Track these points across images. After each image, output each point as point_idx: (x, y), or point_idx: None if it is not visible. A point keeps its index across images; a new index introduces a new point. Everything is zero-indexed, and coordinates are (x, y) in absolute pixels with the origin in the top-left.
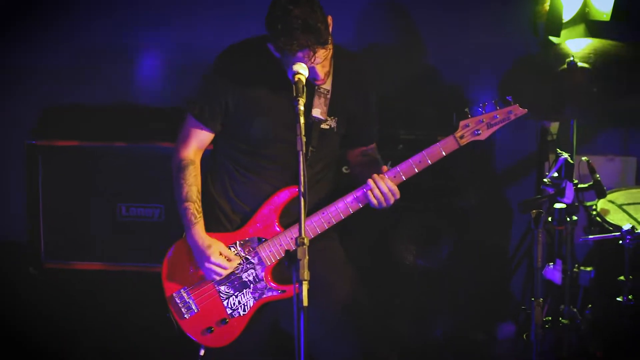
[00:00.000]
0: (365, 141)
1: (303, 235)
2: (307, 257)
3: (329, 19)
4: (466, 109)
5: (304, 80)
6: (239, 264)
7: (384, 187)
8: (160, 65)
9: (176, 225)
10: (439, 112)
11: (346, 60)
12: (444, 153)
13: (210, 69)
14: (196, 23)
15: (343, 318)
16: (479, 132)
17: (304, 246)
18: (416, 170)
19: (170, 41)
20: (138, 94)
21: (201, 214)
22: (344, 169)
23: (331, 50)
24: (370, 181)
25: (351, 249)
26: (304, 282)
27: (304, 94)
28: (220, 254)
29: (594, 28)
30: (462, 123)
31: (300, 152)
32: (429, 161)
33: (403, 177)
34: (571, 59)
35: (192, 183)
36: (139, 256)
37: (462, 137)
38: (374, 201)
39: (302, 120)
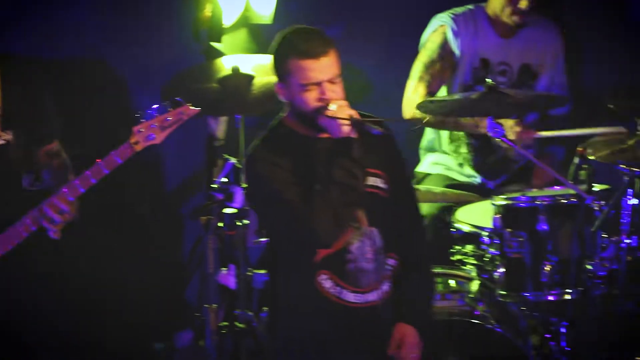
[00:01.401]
0: None
1: None
2: None
3: None
4: (137, 114)
5: None
6: None
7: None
8: None
9: None
10: (107, 125)
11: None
12: (119, 161)
13: None
14: None
15: None
16: (153, 136)
17: None
18: (93, 181)
19: None
20: None
21: None
22: None
23: None
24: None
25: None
26: None
27: None
28: None
29: (256, 31)
30: (135, 129)
31: None
32: (105, 170)
33: (81, 190)
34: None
35: None
36: None
37: (136, 142)
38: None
39: None
